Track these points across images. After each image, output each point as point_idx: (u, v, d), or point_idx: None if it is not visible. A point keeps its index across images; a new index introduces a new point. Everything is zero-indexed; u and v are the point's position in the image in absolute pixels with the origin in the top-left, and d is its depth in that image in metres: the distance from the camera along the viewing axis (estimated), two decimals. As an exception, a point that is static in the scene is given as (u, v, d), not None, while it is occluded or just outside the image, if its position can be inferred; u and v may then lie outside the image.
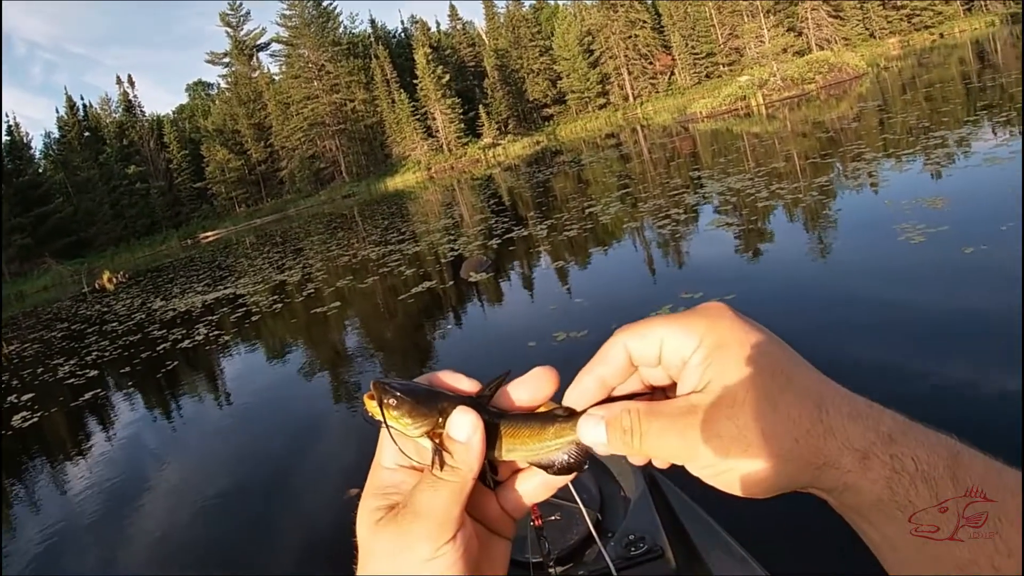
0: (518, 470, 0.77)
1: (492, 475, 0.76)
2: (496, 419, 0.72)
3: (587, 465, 0.72)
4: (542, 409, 0.74)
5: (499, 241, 17.88)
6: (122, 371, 14.41)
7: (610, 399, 0.73)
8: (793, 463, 0.60)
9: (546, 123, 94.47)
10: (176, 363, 13.74)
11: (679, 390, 0.68)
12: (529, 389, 0.74)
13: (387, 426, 0.71)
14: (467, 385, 0.75)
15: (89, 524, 7.40)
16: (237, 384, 11.77)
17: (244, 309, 17.96)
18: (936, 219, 9.54)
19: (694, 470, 0.66)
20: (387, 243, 23.97)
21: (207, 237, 75.68)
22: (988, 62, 38.09)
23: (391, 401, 0.70)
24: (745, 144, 27.58)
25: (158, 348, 15.51)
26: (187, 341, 15.39)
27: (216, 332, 15.73)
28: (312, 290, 18.13)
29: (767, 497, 0.62)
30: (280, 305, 17.36)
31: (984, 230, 8.49)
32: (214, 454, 8.91)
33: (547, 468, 0.72)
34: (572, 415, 0.72)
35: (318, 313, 14.95)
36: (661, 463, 0.69)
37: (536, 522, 3.14)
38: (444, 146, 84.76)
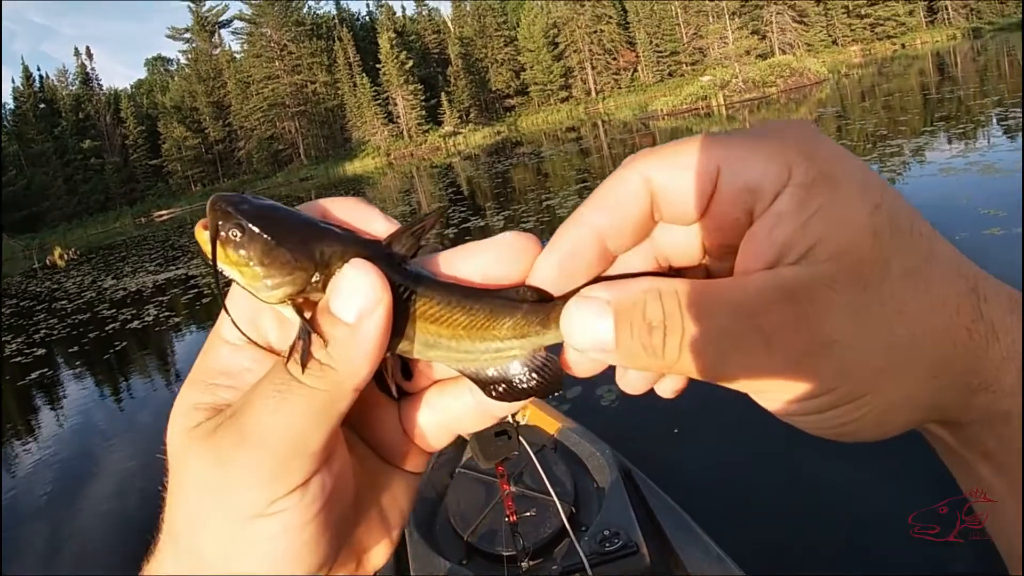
0: (440, 379, 0.55)
1: (397, 377, 0.54)
2: (416, 287, 0.48)
3: (557, 390, 0.50)
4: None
5: (456, 231, 17.87)
6: (70, 350, 14.34)
7: (605, 279, 0.49)
8: (947, 382, 0.43)
9: (508, 114, 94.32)
10: (125, 343, 13.73)
11: (747, 260, 0.44)
12: (489, 260, 0.50)
13: (216, 276, 0.48)
14: (380, 226, 0.51)
15: (37, 507, 7.46)
16: (188, 366, 11.58)
17: (195, 290, 17.90)
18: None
19: (776, 402, 0.45)
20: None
21: (162, 216, 74.86)
22: (948, 75, 38.86)
23: (234, 233, 0.47)
24: (703, 144, 27.57)
25: (107, 328, 15.45)
26: (137, 322, 15.34)
27: (167, 313, 15.68)
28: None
29: (885, 438, 0.45)
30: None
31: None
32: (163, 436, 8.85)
33: (487, 385, 0.50)
34: (545, 301, 0.49)
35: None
36: (704, 378, 0.45)
37: (511, 518, 3.18)
38: (405, 132, 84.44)
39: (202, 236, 0.48)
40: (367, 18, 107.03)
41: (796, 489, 4.76)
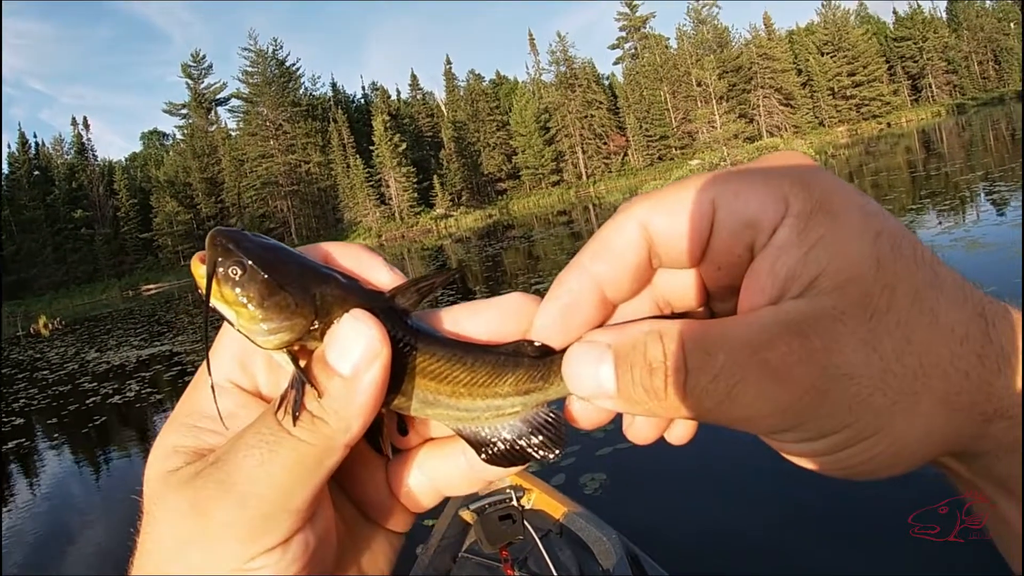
0: (434, 437, 0.53)
1: (393, 435, 0.52)
2: (416, 342, 0.47)
3: (558, 453, 0.47)
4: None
5: (442, 313, 17.59)
6: (49, 422, 14.10)
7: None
8: (961, 412, 0.40)
9: (499, 197, 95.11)
10: (105, 418, 13.48)
11: (751, 297, 0.43)
12: (492, 317, 0.49)
13: (206, 313, 0.46)
14: (384, 276, 0.50)
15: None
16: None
17: (179, 368, 17.61)
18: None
19: (788, 442, 0.43)
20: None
21: (149, 290, 74.61)
22: (934, 151, 39.47)
23: (234, 271, 0.45)
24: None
25: (88, 401, 15.19)
26: (118, 397, 15.09)
27: (149, 390, 15.43)
28: (250, 352, 17.66)
29: (900, 474, 0.42)
30: (216, 365, 16.90)
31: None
32: (113, 518, 8.71)
33: (483, 447, 0.47)
34: (547, 354, 0.47)
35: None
36: (712, 420, 0.42)
37: None
38: (396, 214, 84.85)
39: (198, 270, 0.45)
40: (362, 100, 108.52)
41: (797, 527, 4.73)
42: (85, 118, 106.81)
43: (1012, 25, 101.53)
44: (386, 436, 0.50)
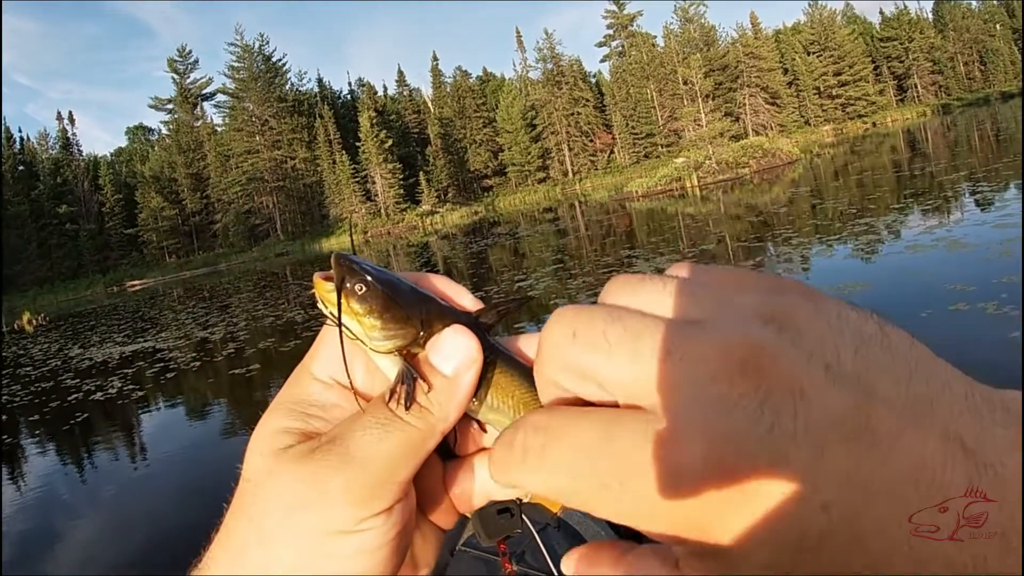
0: (487, 447, 0.58)
1: (456, 437, 0.58)
2: (492, 356, 0.54)
3: None
4: None
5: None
6: (31, 418, 14.00)
7: None
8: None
9: (486, 194, 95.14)
10: (87, 415, 13.41)
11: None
12: None
13: (340, 324, 0.53)
14: (467, 300, 0.58)
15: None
16: (149, 441, 11.47)
17: (162, 364, 17.54)
18: (856, 302, 9.66)
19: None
20: (315, 306, 23.37)
21: (134, 286, 74.11)
22: (919, 151, 39.56)
23: (359, 288, 0.52)
24: (679, 224, 28.03)
25: (70, 398, 15.10)
26: (100, 393, 15.03)
27: (131, 386, 15.37)
28: (233, 350, 17.77)
29: None
30: (199, 363, 16.98)
31: (901, 314, 8.56)
32: (122, 512, 8.63)
33: None
34: None
35: (237, 375, 14.69)
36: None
37: None
38: (382, 210, 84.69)
39: (323, 287, 0.54)
40: (348, 96, 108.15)
41: None
42: (71, 112, 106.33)
43: (998, 27, 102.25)
44: (452, 438, 0.56)
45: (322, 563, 0.48)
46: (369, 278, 0.52)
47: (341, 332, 0.53)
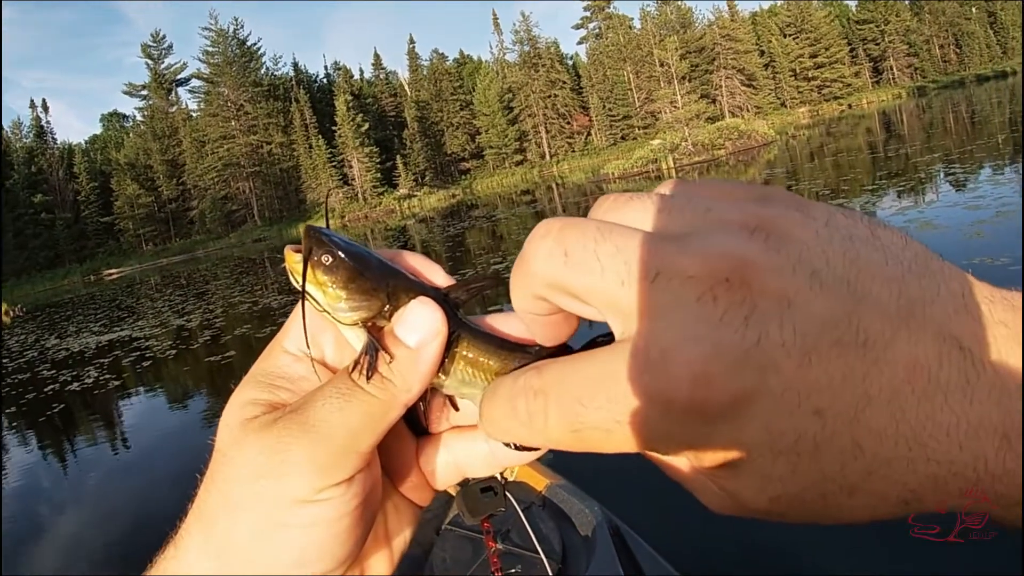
0: (460, 425, 0.60)
1: (430, 412, 0.58)
2: (461, 331, 0.54)
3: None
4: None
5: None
6: (8, 410, 13.93)
7: None
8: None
9: (463, 177, 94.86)
10: (63, 406, 13.36)
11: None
12: (518, 325, 0.55)
13: (305, 294, 0.54)
14: (440, 278, 0.57)
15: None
16: (125, 430, 11.47)
17: (138, 353, 17.48)
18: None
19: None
20: (291, 292, 23.23)
21: (111, 274, 73.60)
22: (894, 132, 39.88)
23: (326, 258, 0.53)
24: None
25: (46, 389, 15.03)
26: (76, 384, 14.98)
27: (107, 376, 15.31)
28: (209, 337, 17.76)
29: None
30: (175, 352, 16.89)
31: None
32: (98, 501, 8.64)
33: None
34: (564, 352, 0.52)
35: (212, 362, 14.65)
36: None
37: (497, 574, 3.15)
38: (360, 195, 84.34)
39: (292, 258, 0.54)
40: (324, 80, 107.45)
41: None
42: (44, 100, 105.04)
43: (973, 10, 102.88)
44: (423, 412, 0.57)
45: (281, 532, 0.49)
46: (336, 250, 0.53)
47: (304, 302, 0.53)
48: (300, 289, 0.53)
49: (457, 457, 0.58)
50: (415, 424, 0.58)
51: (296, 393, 0.54)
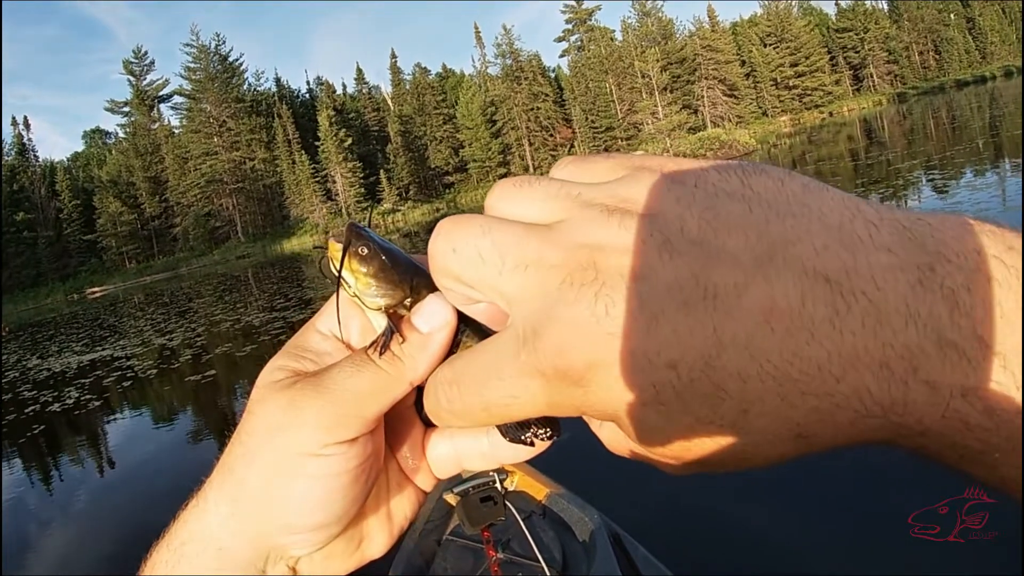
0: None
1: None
2: (465, 326, 0.59)
3: (555, 437, 0.57)
4: None
5: (389, 311, 17.50)
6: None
7: None
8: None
9: (447, 190, 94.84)
10: (43, 427, 13.22)
11: None
12: None
13: (341, 279, 0.59)
14: None
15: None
16: (107, 449, 11.34)
17: (119, 373, 17.31)
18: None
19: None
20: (273, 309, 23.41)
21: (95, 293, 73.16)
22: (875, 139, 40.15)
23: (362, 250, 0.59)
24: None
25: (26, 410, 14.89)
26: (57, 404, 14.83)
27: (88, 396, 15.15)
28: (189, 357, 17.61)
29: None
30: (155, 371, 16.76)
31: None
32: (80, 520, 8.54)
33: (504, 429, 0.57)
34: None
35: (195, 380, 14.44)
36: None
37: None
38: (343, 210, 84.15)
39: (334, 247, 0.59)
40: (307, 95, 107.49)
41: (791, 525, 4.70)
42: (26, 118, 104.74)
43: (952, 16, 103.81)
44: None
45: (289, 480, 0.54)
46: (372, 243, 0.58)
47: (339, 286, 0.59)
48: (337, 274, 0.59)
49: (459, 449, 0.63)
50: (426, 417, 0.62)
51: (318, 364, 0.59)
